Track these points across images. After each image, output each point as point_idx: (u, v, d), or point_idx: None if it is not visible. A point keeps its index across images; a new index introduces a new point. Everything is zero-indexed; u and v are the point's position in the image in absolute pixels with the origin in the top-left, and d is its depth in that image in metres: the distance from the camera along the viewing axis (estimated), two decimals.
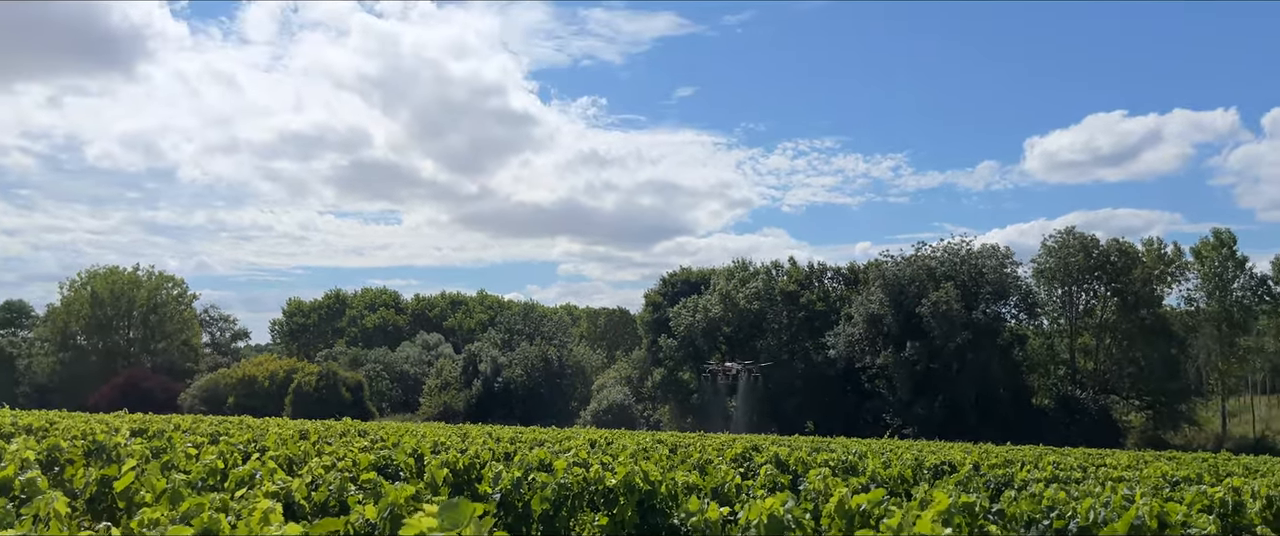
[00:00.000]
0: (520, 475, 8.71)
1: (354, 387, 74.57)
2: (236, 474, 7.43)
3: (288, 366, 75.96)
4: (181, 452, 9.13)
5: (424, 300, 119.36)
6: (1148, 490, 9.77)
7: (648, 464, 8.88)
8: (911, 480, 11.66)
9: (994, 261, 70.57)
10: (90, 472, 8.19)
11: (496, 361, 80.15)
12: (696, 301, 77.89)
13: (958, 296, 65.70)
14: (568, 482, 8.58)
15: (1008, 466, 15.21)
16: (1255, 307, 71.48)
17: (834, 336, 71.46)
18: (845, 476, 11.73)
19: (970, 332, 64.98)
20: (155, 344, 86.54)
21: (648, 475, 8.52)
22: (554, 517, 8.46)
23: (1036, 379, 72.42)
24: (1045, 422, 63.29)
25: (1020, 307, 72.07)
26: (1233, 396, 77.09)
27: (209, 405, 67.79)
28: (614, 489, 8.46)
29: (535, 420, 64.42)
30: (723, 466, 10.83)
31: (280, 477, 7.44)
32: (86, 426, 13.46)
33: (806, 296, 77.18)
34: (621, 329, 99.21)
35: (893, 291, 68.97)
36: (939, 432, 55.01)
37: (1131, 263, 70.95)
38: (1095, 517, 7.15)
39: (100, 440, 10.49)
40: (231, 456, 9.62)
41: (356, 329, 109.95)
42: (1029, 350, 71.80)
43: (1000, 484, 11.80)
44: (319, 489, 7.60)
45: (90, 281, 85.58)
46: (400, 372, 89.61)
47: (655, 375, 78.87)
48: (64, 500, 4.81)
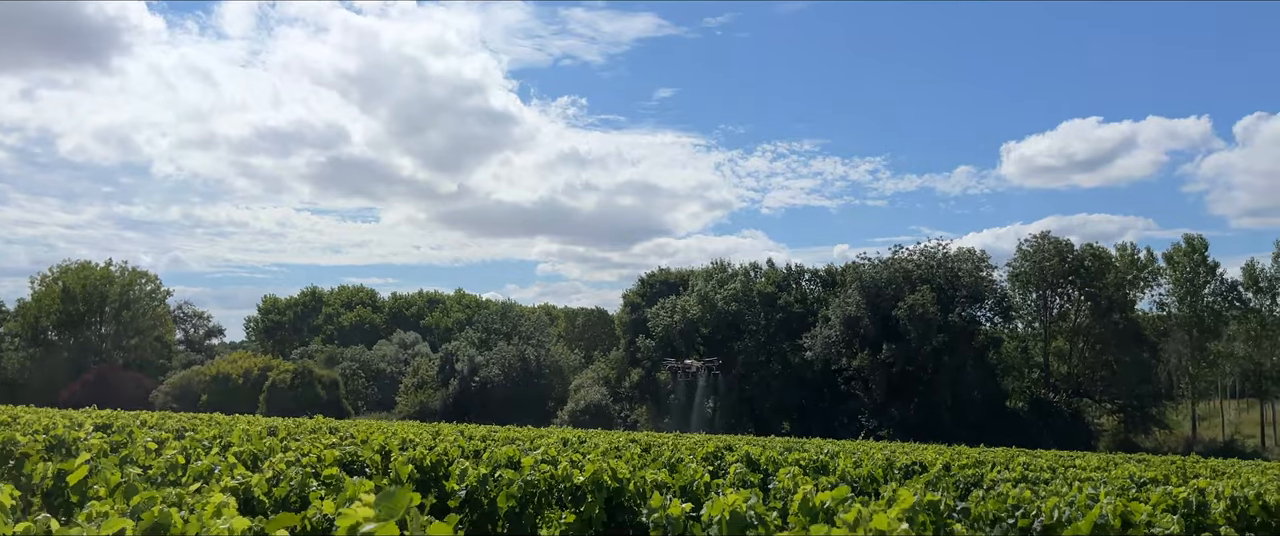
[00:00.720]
0: (487, 472, 8.63)
1: (329, 386, 73.99)
2: (195, 468, 7.30)
3: (262, 364, 75.28)
4: (141, 447, 8.97)
5: (401, 299, 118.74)
6: (1114, 490, 9.81)
7: (618, 462, 8.81)
8: (881, 479, 11.66)
9: (970, 265, 71.10)
10: (49, 467, 8.03)
11: (474, 360, 79.83)
12: (675, 302, 78.01)
13: (934, 299, 66.10)
14: (534, 479, 8.50)
15: (979, 467, 15.26)
16: (1225, 313, 72.43)
17: (811, 338, 71.69)
18: (816, 475, 11.71)
19: (946, 335, 65.40)
20: (128, 340, 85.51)
21: (616, 473, 8.46)
22: (520, 515, 8.37)
23: (1011, 382, 73.04)
24: (1018, 425, 63.78)
25: (995, 311, 72.64)
26: (1203, 400, 78.05)
27: (182, 403, 67.06)
28: (582, 486, 8.38)
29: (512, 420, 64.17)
30: (693, 465, 10.78)
31: (240, 472, 7.31)
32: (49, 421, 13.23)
33: (784, 298, 77.40)
34: (599, 329, 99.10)
35: (869, 294, 69.31)
36: (914, 435, 55.37)
37: (1105, 267, 71.73)
38: (1060, 516, 7.15)
39: (60, 434, 10.30)
40: (194, 452, 9.47)
41: (333, 327, 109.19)
42: (1003, 353, 72.43)
43: (969, 483, 11.83)
44: (280, 484, 7.47)
45: (62, 276, 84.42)
46: (377, 371, 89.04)
47: (633, 375, 78.85)
48: (10, 490, 4.69)
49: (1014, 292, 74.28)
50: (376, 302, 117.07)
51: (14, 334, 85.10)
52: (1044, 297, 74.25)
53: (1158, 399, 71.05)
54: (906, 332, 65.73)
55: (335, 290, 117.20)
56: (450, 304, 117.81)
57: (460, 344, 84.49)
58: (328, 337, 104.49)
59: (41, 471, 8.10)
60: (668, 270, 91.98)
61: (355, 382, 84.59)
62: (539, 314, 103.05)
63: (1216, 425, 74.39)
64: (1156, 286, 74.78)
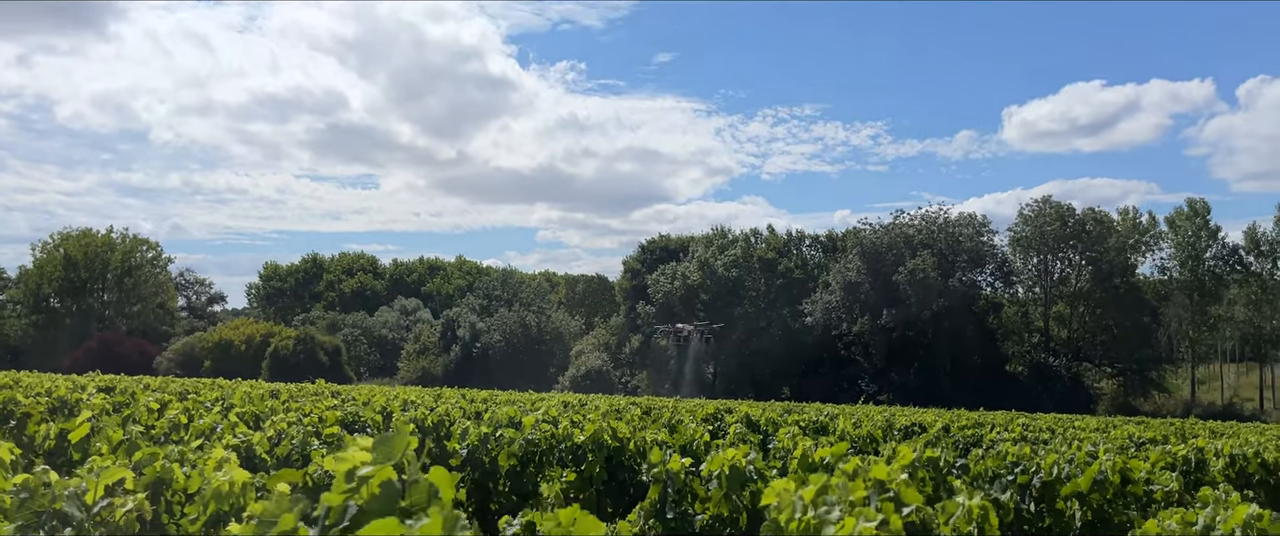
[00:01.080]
0: (488, 432, 8.65)
1: (331, 352, 74.25)
2: (197, 427, 7.32)
3: (264, 330, 75.46)
4: (144, 408, 9.00)
5: (402, 265, 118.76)
6: (1113, 449, 9.85)
7: (618, 423, 8.84)
8: (881, 439, 11.72)
9: (970, 230, 71.06)
10: (51, 428, 8.06)
11: (475, 327, 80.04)
12: (675, 268, 78.01)
13: (934, 264, 66.12)
14: (536, 439, 8.54)
15: (978, 428, 15.33)
16: (1227, 277, 72.42)
17: (811, 304, 71.80)
18: (815, 436, 11.76)
19: (946, 300, 65.52)
20: (130, 307, 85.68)
21: (616, 432, 8.49)
22: (521, 473, 8.42)
23: (1010, 346, 73.23)
24: (1018, 389, 64.04)
25: (996, 276, 72.74)
26: (1202, 364, 78.28)
27: (185, 369, 67.33)
28: (582, 446, 8.42)
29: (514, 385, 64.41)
30: (693, 425, 10.82)
31: (242, 431, 7.34)
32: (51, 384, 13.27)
33: (784, 264, 77.40)
34: (600, 296, 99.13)
35: (870, 259, 69.32)
36: (913, 399, 55.57)
37: (1106, 232, 71.62)
38: (1059, 473, 7.17)
39: (63, 396, 10.33)
40: (196, 412, 9.50)
41: (334, 293, 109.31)
42: (1004, 318, 72.57)
43: (969, 443, 11.88)
44: (282, 443, 7.50)
45: (63, 243, 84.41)
46: (378, 337, 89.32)
47: (633, 341, 79.05)
48: (10, 446, 4.69)
49: (1015, 257, 74.30)
50: (377, 269, 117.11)
51: (16, 301, 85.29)
52: (1045, 262, 74.27)
53: (1157, 363, 71.30)
54: (907, 298, 65.83)
55: (336, 257, 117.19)
56: (451, 270, 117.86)
57: (461, 310, 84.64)
58: (329, 304, 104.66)
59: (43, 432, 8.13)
60: (668, 236, 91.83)
61: (357, 349, 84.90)
62: (539, 280, 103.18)
63: (1215, 389, 74.71)
64: (1158, 250, 74.79)
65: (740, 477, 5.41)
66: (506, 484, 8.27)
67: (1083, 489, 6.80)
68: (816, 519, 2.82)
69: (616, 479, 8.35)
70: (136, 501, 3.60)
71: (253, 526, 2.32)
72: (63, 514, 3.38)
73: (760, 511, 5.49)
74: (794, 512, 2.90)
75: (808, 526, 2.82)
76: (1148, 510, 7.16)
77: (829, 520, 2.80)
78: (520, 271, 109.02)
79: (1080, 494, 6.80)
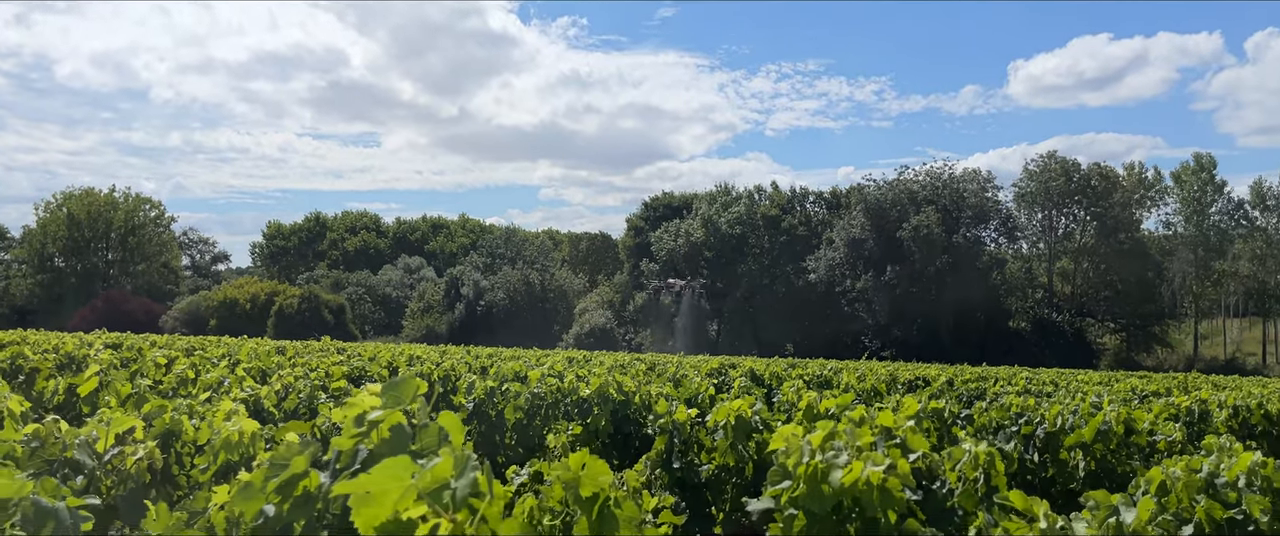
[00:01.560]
0: (494, 385, 8.70)
1: (336, 310, 74.53)
2: (205, 380, 7.37)
3: (269, 289, 75.69)
4: (151, 363, 9.05)
5: (405, 224, 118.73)
6: (1117, 400, 9.89)
7: (623, 377, 8.89)
8: (884, 392, 11.78)
9: (975, 186, 70.83)
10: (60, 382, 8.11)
11: (479, 285, 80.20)
12: (678, 226, 77.94)
13: (938, 220, 66.04)
14: (541, 392, 8.59)
15: (981, 382, 15.40)
16: (1232, 231, 72.24)
17: (815, 260, 71.85)
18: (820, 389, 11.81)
19: (950, 257, 65.57)
20: (134, 266, 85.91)
21: (622, 386, 8.53)
22: (527, 427, 8.48)
23: (1014, 302, 73.32)
24: (1021, 344, 64.31)
25: (1000, 231, 72.69)
26: (1206, 319, 78.41)
27: (190, 327, 67.65)
28: (588, 399, 8.47)
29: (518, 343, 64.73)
30: (697, 379, 10.87)
31: (249, 385, 7.38)
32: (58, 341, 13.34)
33: (788, 221, 77.30)
34: (603, 253, 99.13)
35: (874, 215, 69.22)
36: (916, 355, 55.79)
37: (1112, 187, 71.34)
38: (1063, 424, 7.21)
39: (71, 352, 10.39)
40: (203, 367, 9.55)
41: (338, 252, 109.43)
42: (1007, 273, 72.56)
43: (972, 396, 11.94)
44: (289, 396, 7.55)
45: (66, 203, 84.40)
46: (382, 296, 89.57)
47: (637, 299, 79.25)
48: (19, 399, 4.72)
49: (1019, 213, 74.15)
50: (381, 228, 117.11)
51: (21, 261, 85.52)
52: (1049, 218, 74.12)
53: (1161, 318, 71.44)
54: (911, 254, 65.86)
55: (339, 215, 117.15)
56: (454, 229, 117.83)
57: (465, 268, 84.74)
58: (333, 263, 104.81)
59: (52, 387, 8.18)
60: (671, 194, 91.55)
61: (361, 307, 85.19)
62: (543, 238, 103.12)
63: (1218, 344, 74.89)
64: (1163, 205, 74.54)
65: (746, 427, 5.44)
66: (513, 437, 8.34)
67: (1087, 439, 6.83)
68: (825, 462, 2.83)
69: (622, 432, 8.41)
70: (147, 449, 3.63)
71: (265, 469, 2.33)
72: (74, 462, 3.40)
73: (766, 461, 5.53)
74: (802, 456, 2.91)
75: (815, 470, 2.83)
76: (1151, 460, 7.20)
77: (837, 464, 2.81)
78: (523, 229, 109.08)
79: (1084, 444, 6.84)
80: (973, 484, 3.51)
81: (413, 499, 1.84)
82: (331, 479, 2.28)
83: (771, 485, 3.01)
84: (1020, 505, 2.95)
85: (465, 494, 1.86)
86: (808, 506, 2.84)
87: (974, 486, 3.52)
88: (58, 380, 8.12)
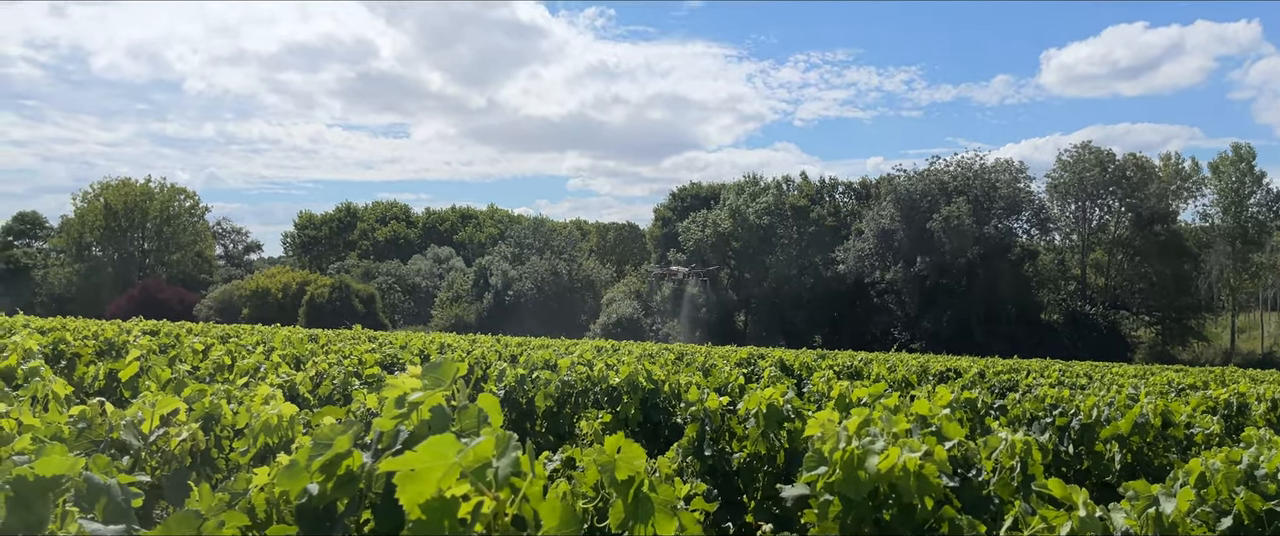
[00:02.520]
0: (525, 373, 8.76)
1: (366, 299, 75.22)
2: (241, 366, 7.47)
3: (301, 278, 76.53)
4: (188, 349, 9.20)
5: (435, 214, 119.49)
6: (1153, 392, 9.76)
7: (652, 365, 8.91)
8: (915, 384, 11.71)
9: (1007, 176, 70.14)
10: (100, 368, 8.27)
11: (507, 275, 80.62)
12: (706, 216, 77.81)
13: (969, 211, 65.47)
14: (571, 380, 8.63)
15: (1013, 374, 15.27)
16: (1270, 223, 70.88)
17: (844, 251, 71.53)
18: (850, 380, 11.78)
19: (981, 248, 65.03)
20: (169, 255, 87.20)
21: (651, 375, 8.57)
22: (558, 414, 8.53)
23: (1046, 294, 72.50)
24: (1053, 337, 63.59)
25: (1032, 223, 71.93)
26: (1243, 312, 77.04)
27: (224, 316, 68.53)
28: (618, 387, 8.50)
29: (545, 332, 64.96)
30: (727, 368, 10.87)
31: (284, 370, 7.48)
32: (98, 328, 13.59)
33: (817, 211, 76.97)
34: (631, 244, 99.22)
35: (904, 206, 68.75)
36: (946, 347, 55.35)
37: (1147, 178, 70.28)
38: (1099, 415, 7.14)
39: (110, 338, 10.57)
40: (239, 354, 9.69)
41: (368, 242, 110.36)
42: (1039, 265, 71.74)
43: (1005, 387, 11.85)
44: (323, 383, 7.65)
45: (103, 193, 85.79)
46: (412, 285, 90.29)
47: (664, 289, 79.26)
48: (63, 383, 4.82)
49: (1052, 204, 73.28)
50: (410, 218, 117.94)
51: (59, 250, 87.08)
52: (1083, 209, 73.19)
53: (1197, 311, 70.37)
54: (941, 245, 65.38)
55: (369, 206, 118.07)
56: (483, 219, 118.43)
57: (494, 258, 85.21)
58: (363, 252, 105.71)
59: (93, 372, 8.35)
60: (699, 184, 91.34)
61: (391, 297, 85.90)
62: (570, 229, 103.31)
63: (1255, 338, 73.59)
64: (1200, 197, 73.27)
65: (778, 416, 5.43)
66: (543, 424, 8.40)
67: (1123, 431, 6.76)
68: (861, 448, 2.83)
69: (651, 420, 8.44)
70: (191, 430, 3.70)
71: (309, 449, 2.37)
72: (121, 442, 3.47)
73: (797, 450, 5.53)
74: (838, 442, 2.91)
75: (852, 456, 2.83)
76: (1188, 453, 7.12)
77: (873, 449, 2.81)
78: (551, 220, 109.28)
79: (1120, 436, 6.77)
80: (1009, 472, 3.50)
81: (456, 476, 1.86)
82: (374, 458, 2.32)
83: (807, 471, 3.02)
84: (1059, 493, 2.94)
85: (507, 472, 1.88)
86: (843, 492, 2.84)
87: (1010, 475, 3.51)
88: (98, 365, 8.28)
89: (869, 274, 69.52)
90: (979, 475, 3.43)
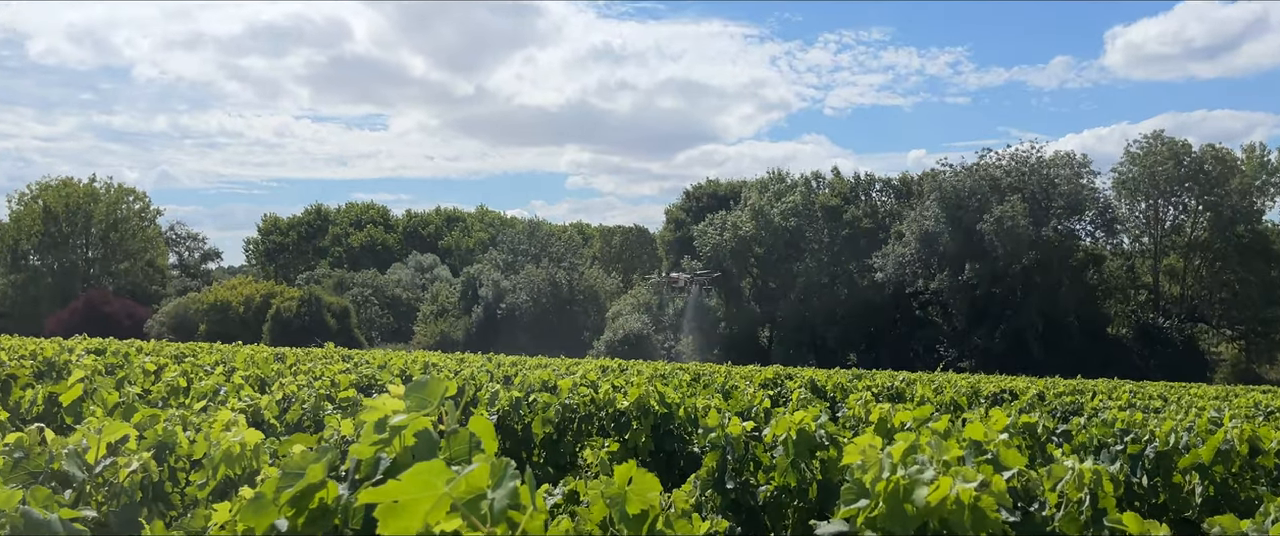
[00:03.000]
0: (520, 396, 8.76)
1: (340, 314, 75.46)
2: (199, 389, 7.49)
3: (265, 290, 76.83)
4: (139, 369, 9.22)
5: (416, 217, 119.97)
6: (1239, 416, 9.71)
7: (665, 387, 8.89)
8: (965, 407, 11.68)
9: (1068, 171, 70.01)
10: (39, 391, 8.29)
11: (499, 285, 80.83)
12: (725, 218, 77.87)
13: (1025, 211, 65.39)
14: (573, 404, 8.62)
15: (1077, 396, 15.21)
16: None
17: (882, 257, 71.53)
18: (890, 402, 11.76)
19: (1038, 253, 64.94)
20: (117, 264, 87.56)
21: (664, 397, 8.54)
22: (558, 442, 8.52)
23: (1113, 305, 72.31)
24: (1122, 354, 63.39)
25: (1097, 224, 71.76)
26: None
27: (179, 333, 68.81)
28: (626, 412, 8.49)
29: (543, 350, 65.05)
30: (750, 390, 10.86)
31: (248, 394, 7.50)
32: (36, 346, 13.65)
33: (851, 212, 76.99)
34: (639, 250, 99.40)
35: (950, 206, 68.70)
36: (999, 366, 55.11)
37: (1228, 172, 70.03)
38: (1177, 442, 7.09)
39: (50, 358, 10.61)
40: (196, 375, 9.72)
41: (341, 248, 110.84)
42: (1106, 272, 71.57)
43: (1068, 411, 11.80)
44: (292, 407, 7.66)
45: (41, 194, 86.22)
46: (391, 298, 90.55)
47: (677, 302, 79.33)
48: None
49: (1119, 203, 73.15)
50: (389, 221, 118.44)
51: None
52: (1155, 208, 73.02)
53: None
54: (993, 250, 65.31)
55: (342, 207, 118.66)
56: (471, 222, 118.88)
57: (483, 267, 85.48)
58: (336, 261, 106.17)
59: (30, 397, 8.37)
60: (716, 181, 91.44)
61: (368, 311, 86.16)
62: (570, 233, 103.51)
63: None
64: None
65: (810, 443, 5.42)
66: (542, 453, 8.39)
67: (1205, 460, 6.72)
68: (908, 478, 2.81)
69: (664, 449, 8.42)
70: (142, 460, 3.70)
71: (277, 480, 2.37)
72: (62, 474, 3.48)
73: (832, 481, 5.51)
74: (881, 472, 2.89)
75: (897, 486, 2.81)
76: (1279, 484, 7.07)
77: (922, 480, 2.79)
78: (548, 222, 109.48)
79: (1202, 466, 6.73)
80: (1077, 506, 3.47)
81: (445, 509, 1.85)
82: (351, 490, 2.31)
83: (845, 504, 3.00)
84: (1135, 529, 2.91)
85: (505, 505, 1.87)
86: (888, 528, 2.82)
87: (1078, 509, 3.48)
88: (36, 388, 8.30)
89: (911, 283, 69.48)
90: (1042, 509, 3.41)
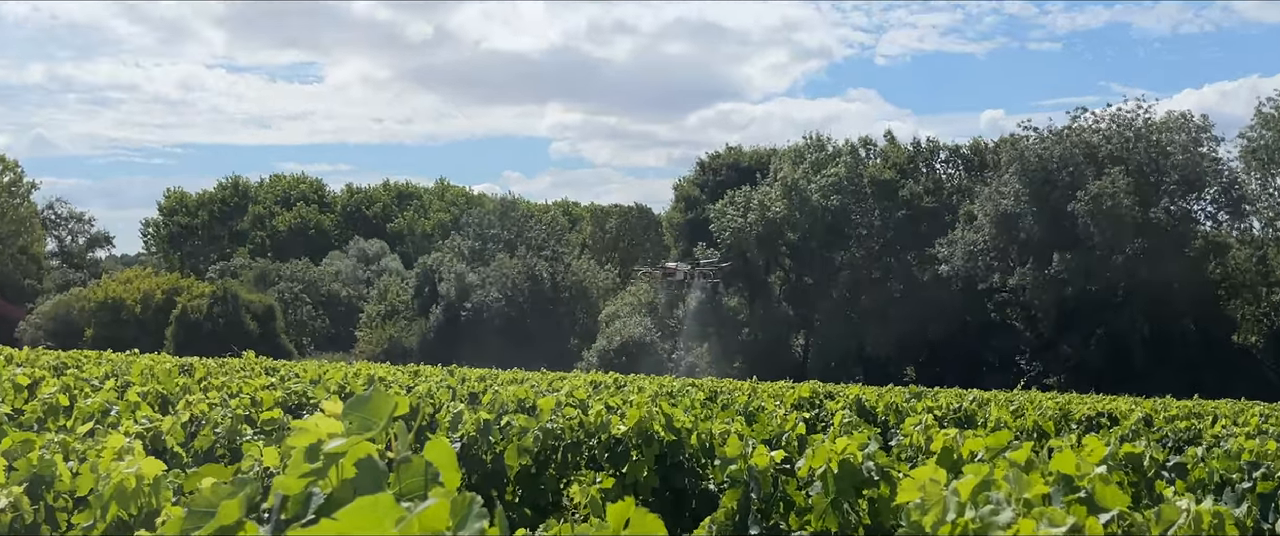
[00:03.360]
0: (490, 418, 8.77)
1: (263, 315, 75.62)
2: (83, 409, 7.51)
3: (168, 285, 76.98)
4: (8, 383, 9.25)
5: (359, 193, 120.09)
6: None
7: (673, 408, 8.89)
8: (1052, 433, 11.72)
9: (1184, 137, 69.98)
10: None
11: (464, 280, 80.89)
12: (749, 196, 77.82)
13: (1129, 188, 65.35)
14: (556, 428, 8.63)
15: (1194, 420, 15.26)
16: None
17: (948, 245, 71.55)
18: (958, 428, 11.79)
19: (1146, 240, 64.87)
20: None
21: (671, 421, 8.53)
22: (537, 477, 8.53)
23: (1239, 306, 72.24)
24: (1252, 367, 63.49)
25: (1220, 204, 71.77)
26: None
27: (58, 338, 68.95)
28: (623, 439, 8.48)
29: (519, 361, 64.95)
30: (781, 412, 10.89)
31: (146, 414, 7.52)
32: None
33: (909, 188, 76.99)
34: (641, 234, 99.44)
35: (1035, 181, 68.71)
36: (1096, 382, 55.24)
37: None
38: None
39: None
40: (80, 391, 9.75)
41: (264, 232, 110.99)
42: (1231, 265, 71.50)
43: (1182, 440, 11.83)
44: (202, 432, 7.69)
45: None
46: (327, 295, 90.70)
47: (689, 301, 79.36)
48: None
49: (1249, 177, 73.03)
50: (325, 198, 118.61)
51: None
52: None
53: None
54: (1088, 237, 65.30)
55: (266, 181, 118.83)
56: (429, 200, 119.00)
57: (444, 256, 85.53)
58: (257, 248, 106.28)
59: None
60: (738, 150, 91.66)
61: (298, 311, 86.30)
62: (554, 213, 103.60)
63: None
64: None
65: (855, 477, 5.43)
66: (517, 490, 8.40)
67: None
68: (979, 521, 2.82)
69: (672, 485, 8.42)
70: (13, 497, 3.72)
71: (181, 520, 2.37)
72: None
73: (884, 526, 5.52)
74: (945, 513, 2.90)
75: (965, 530, 2.82)
76: None
77: (997, 523, 2.80)
78: (526, 201, 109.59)
79: None
80: None
81: None
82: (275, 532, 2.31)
83: None
84: None
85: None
86: None
87: None
88: None
89: (984, 278, 69.51)
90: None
